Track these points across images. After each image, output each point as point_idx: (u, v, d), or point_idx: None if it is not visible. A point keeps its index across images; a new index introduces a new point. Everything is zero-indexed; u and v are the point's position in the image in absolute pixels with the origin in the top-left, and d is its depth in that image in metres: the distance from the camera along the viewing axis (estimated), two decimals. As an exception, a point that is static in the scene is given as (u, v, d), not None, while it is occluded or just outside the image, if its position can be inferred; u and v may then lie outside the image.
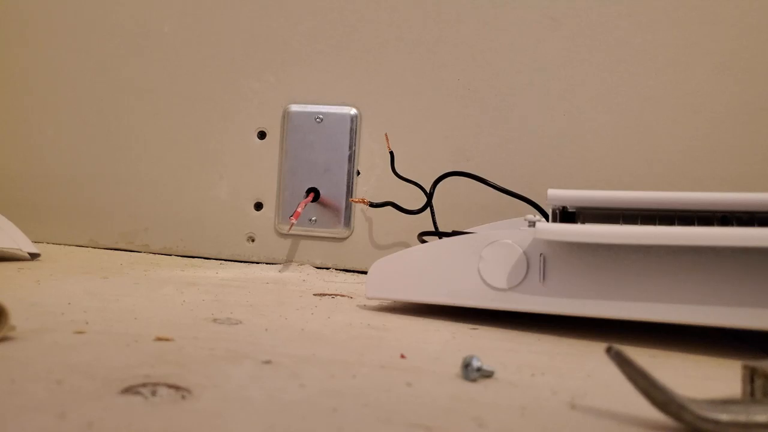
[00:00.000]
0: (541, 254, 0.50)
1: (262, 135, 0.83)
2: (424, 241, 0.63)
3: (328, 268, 0.81)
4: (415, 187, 0.74)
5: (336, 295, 0.63)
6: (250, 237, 0.83)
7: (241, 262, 0.83)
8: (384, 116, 0.80)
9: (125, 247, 0.86)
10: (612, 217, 0.52)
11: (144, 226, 0.86)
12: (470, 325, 0.51)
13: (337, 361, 0.39)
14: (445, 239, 0.55)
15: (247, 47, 0.84)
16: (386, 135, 0.77)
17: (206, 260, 0.83)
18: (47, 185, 0.89)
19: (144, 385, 0.32)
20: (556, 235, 0.48)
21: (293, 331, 0.46)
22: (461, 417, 0.31)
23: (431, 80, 0.79)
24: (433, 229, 0.71)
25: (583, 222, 0.52)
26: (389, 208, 0.74)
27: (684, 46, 0.74)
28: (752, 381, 0.32)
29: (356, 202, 0.78)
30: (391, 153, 0.75)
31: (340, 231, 0.80)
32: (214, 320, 0.48)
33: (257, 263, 0.82)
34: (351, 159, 0.80)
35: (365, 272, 0.65)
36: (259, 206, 0.83)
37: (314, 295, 0.62)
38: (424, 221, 0.73)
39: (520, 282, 0.50)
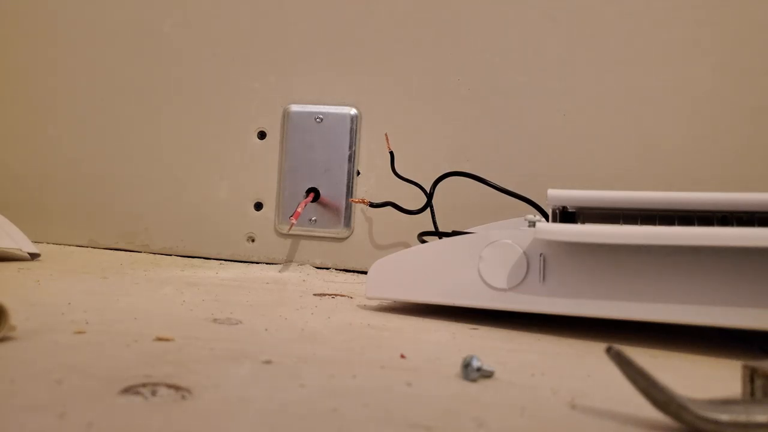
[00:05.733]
0: (541, 254, 0.50)
1: (262, 135, 0.83)
2: (424, 241, 0.63)
3: (328, 268, 0.81)
4: (415, 187, 0.74)
5: (336, 295, 0.63)
6: (250, 237, 0.83)
7: (241, 262, 0.83)
8: (384, 116, 0.80)
9: (125, 247, 0.86)
10: (612, 217, 0.52)
11: (144, 226, 0.86)
12: (470, 325, 0.51)
13: (337, 361, 0.39)
14: (445, 239, 0.55)
15: (247, 47, 0.84)
16: (386, 135, 0.77)
17: (206, 260, 0.83)
18: (47, 185, 0.89)
19: (144, 385, 0.32)
20: (556, 235, 0.48)
21: (293, 331, 0.46)
22: (461, 417, 0.31)
23: (431, 80, 0.79)
24: (433, 229, 0.71)
25: (583, 222, 0.52)
26: (389, 208, 0.74)
27: (684, 46, 0.74)
28: (752, 381, 0.32)
29: (356, 202, 0.78)
30: (391, 153, 0.75)
31: (340, 231, 0.80)
32: (214, 320, 0.48)
33: (257, 263, 0.82)
34: (351, 159, 0.80)
35: (365, 272, 0.65)
36: (259, 206, 0.83)
37: (314, 295, 0.62)
38: (424, 221, 0.73)
39: (520, 282, 0.50)
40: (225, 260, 0.83)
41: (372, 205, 0.75)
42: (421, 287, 0.54)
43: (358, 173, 0.81)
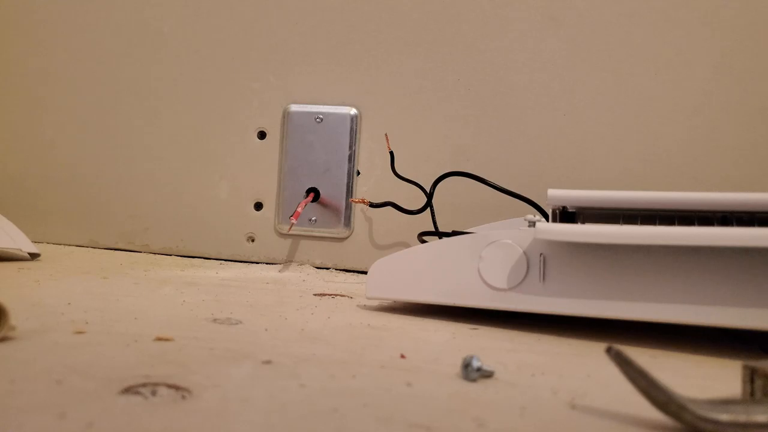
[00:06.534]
0: (541, 254, 0.50)
1: (262, 135, 0.83)
2: (424, 241, 0.63)
3: (328, 268, 0.81)
4: (415, 187, 0.74)
5: (336, 295, 0.63)
6: (250, 237, 0.83)
7: (241, 262, 0.83)
8: (384, 116, 0.80)
9: (125, 247, 0.86)
10: (612, 217, 0.52)
11: (144, 226, 0.86)
12: (470, 325, 0.51)
13: (337, 361, 0.39)
14: (445, 239, 0.55)
15: (247, 47, 0.84)
16: (386, 135, 0.77)
17: (206, 260, 0.83)
18: (47, 185, 0.89)
19: (144, 385, 0.32)
20: (556, 235, 0.48)
21: (293, 331, 0.46)
22: (461, 417, 0.31)
23: (431, 80, 0.79)
24: (433, 229, 0.71)
25: (583, 222, 0.52)
26: (389, 208, 0.74)
27: (684, 46, 0.74)
28: (752, 381, 0.32)
29: (356, 202, 0.78)
30: (391, 153, 0.75)
31: (340, 231, 0.80)
32: (214, 320, 0.48)
33: (257, 263, 0.82)
34: (351, 159, 0.80)
35: (365, 272, 0.65)
36: (259, 206, 0.83)
37: (314, 295, 0.62)
38: (424, 221, 0.73)
39: (520, 282, 0.50)
40: (225, 260, 0.83)
41: (372, 205, 0.75)
42: (421, 287, 0.54)
43: (358, 173, 0.81)
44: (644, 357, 0.44)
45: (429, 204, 0.72)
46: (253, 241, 0.83)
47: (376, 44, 0.81)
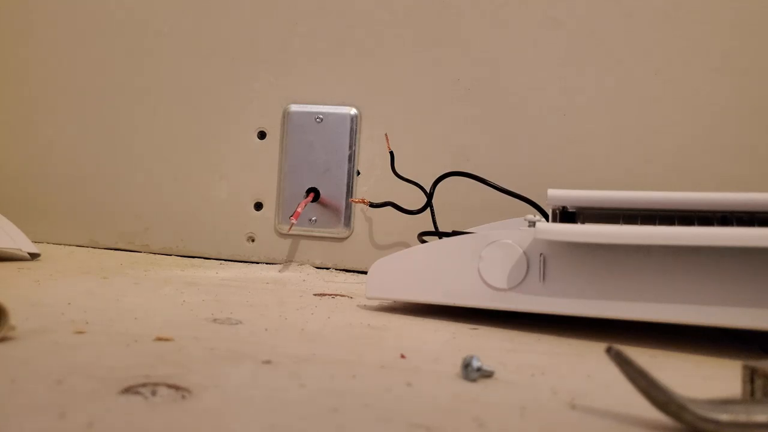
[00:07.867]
0: (541, 254, 0.50)
1: (262, 135, 0.83)
2: (424, 241, 0.63)
3: (328, 268, 0.81)
4: (415, 187, 0.74)
5: (336, 295, 0.63)
6: (250, 237, 0.83)
7: (241, 262, 0.83)
8: (384, 116, 0.80)
9: (125, 247, 0.86)
10: (612, 217, 0.52)
11: (144, 226, 0.86)
12: (470, 325, 0.51)
13: (337, 361, 0.39)
14: (445, 239, 0.55)
15: (247, 47, 0.84)
16: (386, 135, 0.77)
17: (206, 260, 0.83)
18: (47, 185, 0.89)
19: (144, 385, 0.32)
20: (556, 235, 0.48)
21: (293, 331, 0.46)
22: (461, 417, 0.31)
23: (431, 80, 0.79)
24: (433, 229, 0.71)
25: (583, 222, 0.52)
26: (389, 208, 0.74)
27: (684, 46, 0.74)
28: (752, 381, 0.32)
29: (356, 202, 0.78)
30: (391, 153, 0.75)
31: (340, 231, 0.80)
32: (214, 320, 0.48)
33: (257, 263, 0.82)
34: (351, 159, 0.80)
35: (365, 272, 0.65)
36: (259, 206, 0.83)
37: (314, 295, 0.62)
38: (424, 221, 0.73)
39: (520, 282, 0.50)
40: (225, 260, 0.83)
41: (372, 205, 0.75)
42: (421, 287, 0.54)
43: (358, 173, 0.81)
44: (644, 357, 0.44)
45: (429, 204, 0.72)
46: (253, 241, 0.83)
47: (376, 44, 0.81)
